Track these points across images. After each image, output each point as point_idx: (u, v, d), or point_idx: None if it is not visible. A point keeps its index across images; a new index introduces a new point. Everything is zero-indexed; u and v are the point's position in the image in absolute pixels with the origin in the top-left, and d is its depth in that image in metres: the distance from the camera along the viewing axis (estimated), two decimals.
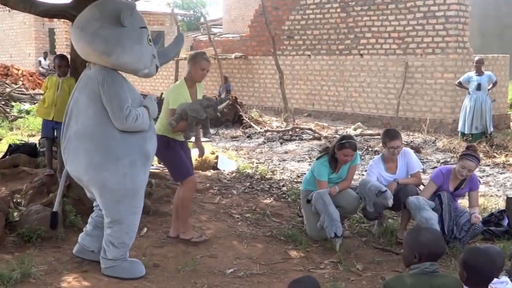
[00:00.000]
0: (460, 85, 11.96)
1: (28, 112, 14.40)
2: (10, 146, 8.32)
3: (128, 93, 4.47)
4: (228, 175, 8.30)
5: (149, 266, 4.82)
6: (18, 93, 16.81)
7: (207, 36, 20.44)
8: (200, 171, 8.06)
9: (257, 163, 9.71)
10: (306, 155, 10.71)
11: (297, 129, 13.22)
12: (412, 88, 14.35)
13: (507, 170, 9.49)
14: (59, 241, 5.32)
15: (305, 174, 6.57)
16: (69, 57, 6.46)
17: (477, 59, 11.77)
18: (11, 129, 12.52)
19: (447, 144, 11.34)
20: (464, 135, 11.59)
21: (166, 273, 4.79)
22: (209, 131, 5.57)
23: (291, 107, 16.13)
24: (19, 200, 6.20)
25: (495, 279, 3.37)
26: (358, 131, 13.08)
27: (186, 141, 5.58)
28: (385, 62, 14.88)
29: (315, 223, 5.68)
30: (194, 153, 6.07)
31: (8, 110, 14.59)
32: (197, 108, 5.19)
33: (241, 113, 14.47)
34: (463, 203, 6.25)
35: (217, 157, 8.84)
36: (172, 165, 5.49)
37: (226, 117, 13.95)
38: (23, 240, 5.21)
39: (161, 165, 7.87)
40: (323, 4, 16.20)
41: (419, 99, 14.25)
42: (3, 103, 15.09)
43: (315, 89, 16.56)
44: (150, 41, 4.63)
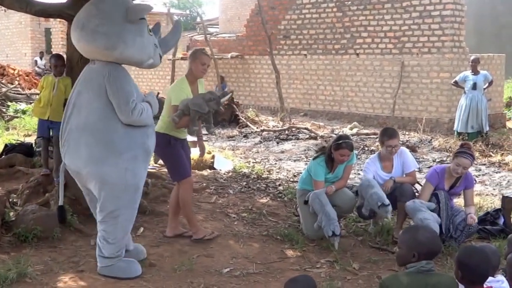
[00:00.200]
0: (456, 84, 11.97)
1: (24, 112, 14.38)
2: (6, 146, 8.31)
3: (133, 88, 4.51)
4: (224, 174, 8.31)
5: (145, 265, 4.82)
6: (14, 93, 16.79)
7: (203, 35, 20.42)
8: (196, 171, 8.06)
9: (253, 163, 9.71)
10: (302, 154, 10.72)
11: (294, 129, 13.23)
12: (408, 87, 14.36)
13: (503, 169, 9.51)
14: (55, 241, 5.32)
15: (301, 173, 6.58)
16: (65, 56, 6.47)
17: (473, 58, 11.77)
18: (7, 129, 12.50)
19: (443, 143, 11.36)
20: (460, 134, 11.61)
21: (162, 272, 4.79)
22: (212, 126, 5.53)
23: (288, 107, 16.13)
24: (15, 200, 6.20)
25: (491, 278, 3.38)
26: (354, 131, 13.09)
27: (187, 140, 5.59)
28: (381, 61, 14.89)
29: (311, 222, 5.69)
30: (194, 152, 6.06)
31: (4, 110, 14.57)
32: (199, 102, 5.18)
33: (237, 113, 14.47)
34: (459, 202, 6.27)
35: (213, 157, 8.84)
36: (171, 164, 5.48)
37: (222, 116, 13.95)
38: (19, 240, 5.20)
39: (157, 165, 7.87)
40: (319, 3, 16.21)
41: (415, 99, 14.27)
42: None
43: (311, 89, 16.57)
44: (150, 31, 4.66)
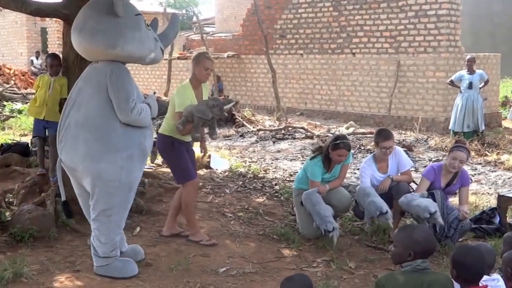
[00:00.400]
0: (452, 83, 11.99)
1: (20, 111, 14.36)
2: (2, 145, 8.29)
3: (134, 88, 4.53)
4: (220, 174, 8.30)
5: (141, 265, 4.82)
6: (10, 93, 16.77)
7: (200, 35, 20.42)
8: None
9: (249, 162, 9.71)
10: (298, 154, 10.73)
11: (290, 128, 13.23)
12: (404, 86, 14.38)
13: (499, 168, 9.54)
14: (52, 241, 5.32)
15: (298, 172, 6.58)
16: (61, 56, 6.46)
17: (468, 57, 11.80)
18: (3, 129, 12.47)
19: (439, 142, 11.38)
20: (456, 133, 11.63)
21: (158, 272, 4.79)
22: (216, 132, 5.55)
23: (284, 106, 16.14)
24: (11, 199, 6.19)
25: (486, 277, 3.39)
26: (350, 130, 13.10)
27: (191, 142, 5.60)
28: (377, 61, 14.90)
29: (308, 221, 5.70)
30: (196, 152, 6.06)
31: (0, 109, 14.55)
32: (203, 108, 5.20)
33: (233, 112, 14.46)
34: (455, 201, 6.28)
35: (209, 156, 8.84)
36: (175, 167, 5.49)
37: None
38: (15, 239, 5.20)
39: (153, 164, 7.87)
40: (315, 3, 16.21)
41: (411, 98, 14.29)
42: None
43: (308, 88, 16.57)
44: (147, 26, 4.68)
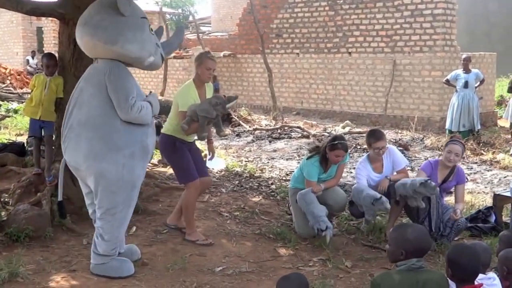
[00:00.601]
0: (447, 82, 12.01)
1: (15, 111, 14.34)
2: None
3: (133, 86, 4.54)
4: (217, 173, 8.31)
5: (138, 264, 4.82)
6: (5, 92, 16.76)
7: (196, 34, 20.41)
8: None
9: (246, 162, 9.72)
10: (294, 153, 10.74)
11: (286, 127, 13.24)
12: (400, 86, 14.40)
13: (494, 167, 9.56)
14: (48, 241, 5.31)
15: (294, 172, 6.59)
16: (57, 56, 6.45)
17: (464, 57, 11.82)
18: None
19: (435, 142, 11.40)
20: (451, 132, 11.64)
21: (155, 271, 4.79)
22: (222, 129, 5.56)
23: (280, 106, 16.15)
24: (6, 199, 6.18)
25: (482, 275, 3.40)
26: (346, 129, 13.11)
27: (195, 142, 5.60)
28: (373, 60, 14.92)
29: (304, 220, 5.70)
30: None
31: None
32: (207, 107, 5.20)
33: (230, 112, 14.45)
34: (451, 200, 6.30)
35: (205, 156, 8.83)
36: (176, 167, 5.51)
37: None
38: (11, 239, 5.19)
39: (149, 164, 7.86)
40: (311, 2, 16.22)
41: (407, 97, 14.31)
42: None
43: (304, 88, 16.58)
44: (151, 30, 4.70)
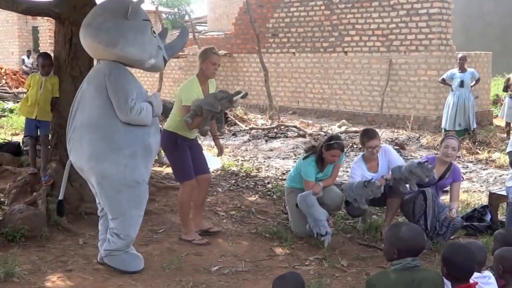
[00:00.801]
0: (443, 82, 12.03)
1: (11, 110, 14.31)
2: None
3: (133, 87, 4.56)
4: (213, 172, 8.30)
5: None
6: (1, 92, 16.71)
7: (192, 34, 20.39)
8: None
9: (242, 161, 9.72)
10: (291, 152, 10.74)
11: (282, 127, 13.24)
12: (396, 85, 14.41)
13: (490, 166, 9.58)
14: (43, 240, 5.31)
15: (290, 171, 6.59)
16: (52, 55, 6.43)
17: (460, 56, 11.83)
18: None
19: (431, 141, 11.42)
20: (447, 132, 11.66)
21: (151, 271, 4.78)
22: (223, 125, 5.56)
23: (276, 105, 16.14)
24: (2, 199, 6.17)
25: (478, 274, 3.41)
26: (342, 128, 13.12)
27: (196, 139, 5.60)
28: (369, 59, 14.93)
29: (300, 220, 5.71)
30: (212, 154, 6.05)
31: None
32: (212, 101, 5.18)
33: (226, 111, 14.44)
34: (446, 199, 6.31)
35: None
36: (175, 164, 5.51)
37: None
38: (6, 239, 5.18)
39: None
40: (307, 1, 16.22)
41: (403, 96, 14.32)
42: None
43: (300, 87, 16.58)
44: (154, 33, 4.71)
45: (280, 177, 8.42)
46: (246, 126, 13.53)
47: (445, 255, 3.26)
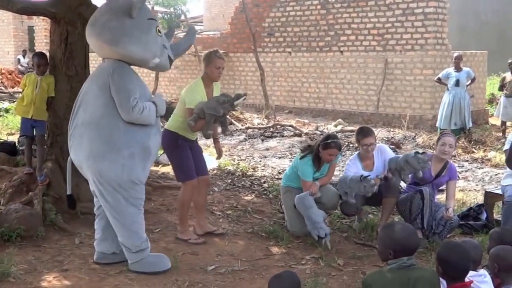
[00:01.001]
0: (439, 81, 12.05)
1: (7, 110, 14.28)
2: None
3: (136, 86, 4.56)
4: (209, 172, 8.29)
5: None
6: None
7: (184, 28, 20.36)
8: None
9: (238, 160, 9.72)
10: (287, 151, 10.74)
11: (278, 126, 13.24)
12: (391, 84, 14.43)
13: (486, 165, 9.60)
14: (39, 240, 5.30)
15: (286, 170, 6.59)
16: (48, 55, 6.42)
17: (455, 55, 11.85)
18: None
19: (427, 140, 11.43)
20: (443, 130, 11.65)
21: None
22: (228, 128, 5.60)
23: (272, 104, 16.15)
24: None
25: (473, 272, 3.42)
26: (338, 128, 13.13)
27: (197, 140, 5.60)
28: (365, 58, 14.94)
29: (296, 219, 5.71)
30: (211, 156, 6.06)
31: None
32: (214, 105, 5.20)
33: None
34: (442, 198, 6.32)
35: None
36: (176, 164, 5.51)
37: None
38: (2, 239, 5.17)
39: None
40: (303, 1, 16.22)
41: (399, 96, 14.34)
42: None
43: (296, 86, 16.59)
44: (159, 32, 4.70)
45: (276, 176, 8.43)
46: (242, 125, 13.54)
47: (440, 255, 3.27)
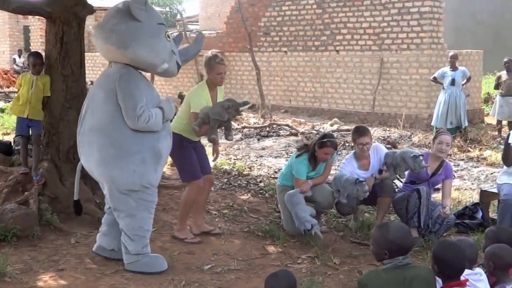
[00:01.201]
0: (435, 80, 12.06)
1: (2, 110, 14.26)
2: None
3: (143, 93, 4.51)
4: None
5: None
6: None
7: (184, 32, 20.35)
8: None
9: (234, 160, 9.73)
10: (283, 151, 10.74)
11: (274, 125, 13.24)
12: (387, 83, 14.45)
13: (481, 163, 9.62)
14: (35, 240, 5.29)
15: (282, 169, 6.59)
16: (43, 54, 6.41)
17: (451, 54, 11.87)
18: None
19: (423, 139, 11.45)
20: (438, 129, 11.66)
21: None
22: (231, 133, 5.60)
23: (268, 104, 16.14)
24: None
25: (469, 271, 3.43)
26: (334, 127, 13.14)
27: (199, 140, 5.63)
28: (361, 58, 14.96)
29: (292, 218, 5.71)
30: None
31: None
32: (219, 110, 5.24)
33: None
34: (438, 197, 6.34)
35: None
36: (181, 165, 5.53)
37: None
38: None
39: None
40: (299, 0, 16.23)
41: (395, 95, 14.36)
42: None
43: (292, 85, 16.60)
44: (168, 37, 4.68)
45: (272, 176, 8.43)
46: (238, 124, 13.53)
47: (435, 253, 3.28)
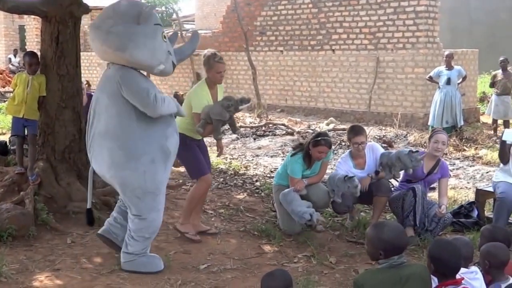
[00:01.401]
0: (430, 79, 12.08)
1: None
2: None
3: (150, 84, 4.59)
4: None
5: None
6: None
7: (179, 32, 20.34)
8: (173, 167, 8.03)
9: (230, 159, 9.72)
10: (279, 150, 10.75)
11: (270, 125, 13.24)
12: (383, 83, 14.46)
13: (477, 162, 9.65)
14: (31, 240, 5.28)
15: (278, 168, 6.60)
16: (39, 54, 6.40)
17: (447, 53, 11.89)
18: None
19: (419, 138, 11.46)
20: (434, 128, 11.68)
21: None
22: (237, 128, 5.71)
23: (264, 103, 16.14)
24: None
25: (465, 269, 3.44)
26: (330, 126, 13.14)
27: (202, 138, 5.67)
28: (357, 57, 14.96)
29: (288, 217, 5.72)
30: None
31: None
32: (219, 110, 5.29)
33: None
34: (434, 196, 6.35)
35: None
36: (187, 163, 5.58)
37: None
38: None
39: None
40: (295, 0, 16.24)
41: (391, 94, 14.37)
42: None
43: (288, 85, 16.60)
44: (165, 37, 4.69)
45: (268, 175, 8.43)
46: None
47: (431, 252, 3.29)
